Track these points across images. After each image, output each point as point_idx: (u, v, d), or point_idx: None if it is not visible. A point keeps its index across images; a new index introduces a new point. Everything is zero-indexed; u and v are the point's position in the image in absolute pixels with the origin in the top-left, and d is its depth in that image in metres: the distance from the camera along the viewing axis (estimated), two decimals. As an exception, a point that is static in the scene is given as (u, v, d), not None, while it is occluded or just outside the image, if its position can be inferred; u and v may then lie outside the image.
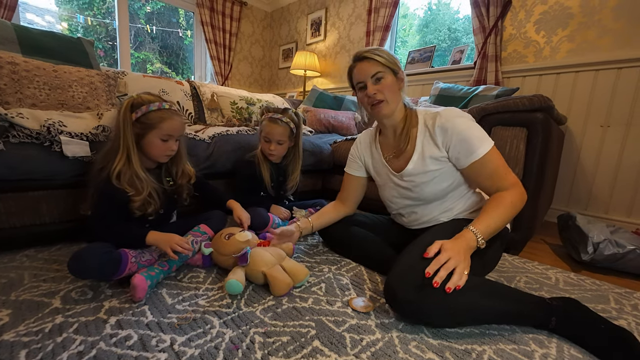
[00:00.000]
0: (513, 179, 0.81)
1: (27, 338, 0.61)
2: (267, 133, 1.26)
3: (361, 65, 0.87)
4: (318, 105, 2.39)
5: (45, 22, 3.11)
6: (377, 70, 0.85)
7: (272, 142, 1.26)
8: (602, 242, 1.11)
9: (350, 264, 1.05)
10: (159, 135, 0.89)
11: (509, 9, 1.93)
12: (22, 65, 1.17)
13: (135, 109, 0.86)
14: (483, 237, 0.74)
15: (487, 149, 0.80)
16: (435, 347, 0.65)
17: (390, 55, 0.87)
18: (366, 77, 0.87)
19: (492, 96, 1.66)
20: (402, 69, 0.90)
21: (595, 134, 1.70)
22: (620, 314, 0.82)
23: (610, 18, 1.61)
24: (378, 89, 0.86)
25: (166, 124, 0.89)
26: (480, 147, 0.80)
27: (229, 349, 0.61)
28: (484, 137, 0.82)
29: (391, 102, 0.87)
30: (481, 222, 0.76)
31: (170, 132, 0.90)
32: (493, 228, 0.76)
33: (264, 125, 1.27)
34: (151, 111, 0.87)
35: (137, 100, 0.88)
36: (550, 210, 1.82)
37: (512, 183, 0.80)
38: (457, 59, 2.29)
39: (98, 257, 0.75)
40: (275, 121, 1.25)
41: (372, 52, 0.86)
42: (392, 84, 0.87)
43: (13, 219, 0.97)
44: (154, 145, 0.89)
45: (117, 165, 0.84)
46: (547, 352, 0.65)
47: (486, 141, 0.81)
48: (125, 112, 0.85)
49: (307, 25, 3.31)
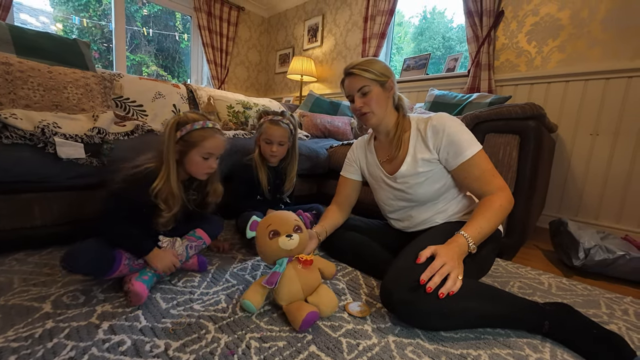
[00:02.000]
0: (500, 182, 0.84)
1: (16, 344, 0.60)
2: (268, 135, 1.26)
3: (348, 80, 0.93)
4: (314, 110, 2.40)
5: (39, 23, 3.08)
6: (363, 84, 0.90)
7: (273, 143, 1.27)
8: (592, 247, 1.14)
9: (346, 268, 1.05)
10: (200, 153, 0.90)
11: (502, 20, 1.98)
12: (16, 66, 1.15)
13: (180, 127, 0.88)
14: (474, 242, 0.76)
15: (474, 151, 0.83)
16: (431, 352, 0.65)
17: (379, 66, 0.90)
18: (353, 91, 0.92)
19: (486, 104, 1.70)
20: (392, 76, 0.92)
21: (585, 142, 1.75)
22: (611, 319, 0.84)
23: (599, 30, 1.67)
24: (364, 102, 0.91)
25: (208, 142, 0.90)
26: (469, 149, 0.83)
27: (224, 355, 0.60)
28: (473, 140, 0.85)
29: (377, 113, 0.92)
30: (472, 227, 0.77)
31: (211, 150, 0.91)
32: (484, 233, 0.78)
33: (265, 127, 1.27)
34: (195, 130, 0.88)
35: (182, 118, 0.89)
36: (542, 217, 1.85)
37: (500, 187, 0.83)
38: (452, 67, 2.33)
39: (92, 253, 0.76)
40: (277, 123, 1.27)
41: (359, 67, 0.89)
42: (378, 96, 0.90)
43: (3, 222, 0.95)
44: (195, 163, 0.90)
45: (158, 184, 0.84)
46: (540, 356, 0.66)
47: (474, 144, 0.84)
48: (170, 131, 0.87)
49: (304, 31, 3.34)
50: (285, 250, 0.77)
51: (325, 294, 0.77)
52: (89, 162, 1.02)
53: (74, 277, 0.88)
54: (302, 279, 0.77)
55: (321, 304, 0.74)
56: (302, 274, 0.77)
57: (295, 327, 0.68)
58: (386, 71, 0.91)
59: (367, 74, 0.89)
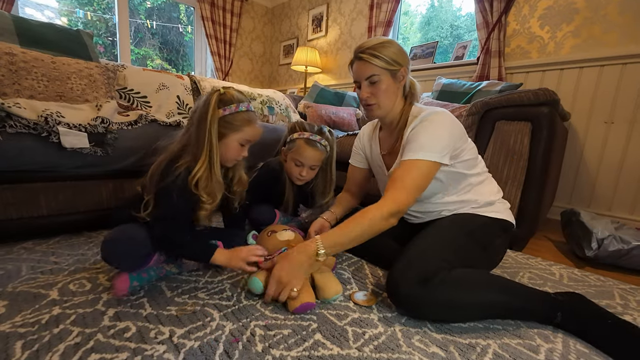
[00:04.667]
0: (397, 195, 0.75)
1: (23, 329, 0.60)
2: (300, 156, 1.07)
3: (358, 64, 0.84)
4: (319, 102, 2.37)
5: (45, 18, 3.09)
6: (372, 73, 0.81)
7: (304, 166, 1.08)
8: (606, 238, 1.10)
9: (352, 258, 1.04)
10: (240, 139, 0.81)
11: (513, 4, 1.91)
12: (20, 56, 1.15)
13: (222, 105, 0.77)
14: (325, 250, 0.73)
15: (415, 157, 0.75)
16: (439, 341, 0.63)
17: (392, 51, 0.81)
18: (360, 78, 0.84)
19: (496, 91, 1.64)
20: (406, 63, 0.84)
21: (599, 130, 1.69)
22: (626, 310, 0.81)
23: (616, 13, 1.59)
24: (371, 92, 0.83)
25: (250, 129, 0.82)
26: (415, 153, 0.76)
27: (229, 342, 0.60)
28: (428, 147, 0.76)
29: (383, 105, 0.85)
30: (330, 235, 0.75)
31: (251, 138, 0.83)
32: (340, 242, 0.75)
33: (298, 146, 1.07)
34: (240, 112, 0.79)
35: (225, 96, 0.79)
36: (552, 208, 1.81)
37: (393, 198, 0.74)
38: (460, 55, 2.27)
39: (134, 246, 0.72)
40: (314, 145, 1.07)
41: (370, 51, 0.80)
42: (388, 87, 0.83)
43: (10, 211, 0.96)
44: (231, 149, 0.81)
45: (199, 171, 0.75)
46: (552, 346, 0.64)
47: (426, 151, 0.75)
48: (214, 108, 0.75)
49: (308, 21, 3.29)
50: (283, 241, 0.85)
51: (330, 276, 0.79)
52: (93, 152, 1.02)
53: (80, 265, 0.88)
54: None
55: (326, 288, 0.75)
56: None
57: (289, 308, 0.71)
58: (399, 57, 0.81)
59: (378, 60, 0.80)
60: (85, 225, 1.13)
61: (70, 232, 1.11)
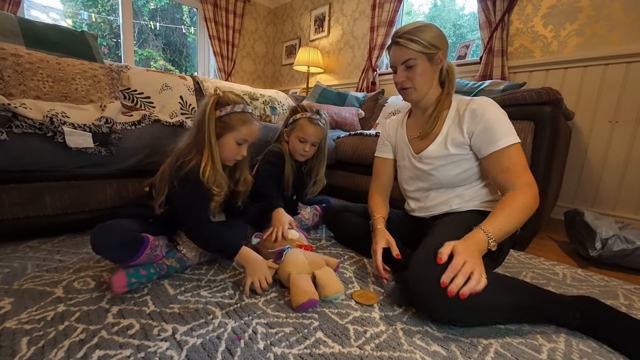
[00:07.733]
0: (529, 179, 0.77)
1: (29, 326, 0.61)
2: (304, 133, 1.18)
3: (394, 49, 0.85)
4: (321, 102, 2.38)
5: (50, 19, 3.12)
6: (409, 57, 0.82)
7: (307, 142, 1.19)
8: (610, 238, 1.09)
9: (354, 257, 1.04)
10: (236, 137, 0.87)
11: (516, 3, 1.90)
12: (26, 58, 1.17)
13: (219, 107, 0.85)
14: (495, 239, 0.70)
15: (508, 143, 0.77)
16: (440, 340, 0.63)
17: (429, 35, 0.81)
18: (397, 63, 0.86)
19: (499, 91, 1.64)
20: (444, 47, 0.84)
21: (603, 130, 1.67)
22: (630, 310, 0.80)
23: (620, 11, 1.58)
24: (407, 76, 0.85)
25: (246, 128, 0.87)
26: (503, 139, 0.77)
27: (231, 339, 0.60)
28: (510, 131, 0.79)
29: (419, 89, 0.86)
30: (493, 223, 0.71)
31: (247, 137, 0.88)
32: (505, 230, 0.71)
33: (301, 124, 1.19)
34: (235, 112, 0.86)
35: (222, 98, 0.86)
36: (555, 208, 1.80)
37: (527, 183, 0.76)
38: (463, 54, 2.26)
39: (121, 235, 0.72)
40: (316, 122, 1.19)
41: (406, 35, 0.81)
42: (424, 71, 0.83)
43: (16, 210, 0.97)
44: (228, 147, 0.87)
45: (205, 165, 0.81)
46: (555, 346, 0.63)
47: (511, 135, 0.78)
48: (210, 110, 0.83)
49: (310, 21, 3.29)
50: (286, 240, 0.89)
51: (331, 275, 0.81)
52: (98, 152, 1.03)
53: (85, 263, 0.89)
54: (307, 254, 0.85)
55: (327, 286, 0.76)
56: (306, 253, 0.86)
57: (294, 304, 0.71)
58: (437, 41, 0.82)
59: (414, 45, 0.80)
60: (89, 225, 1.13)
61: (74, 231, 1.13)
